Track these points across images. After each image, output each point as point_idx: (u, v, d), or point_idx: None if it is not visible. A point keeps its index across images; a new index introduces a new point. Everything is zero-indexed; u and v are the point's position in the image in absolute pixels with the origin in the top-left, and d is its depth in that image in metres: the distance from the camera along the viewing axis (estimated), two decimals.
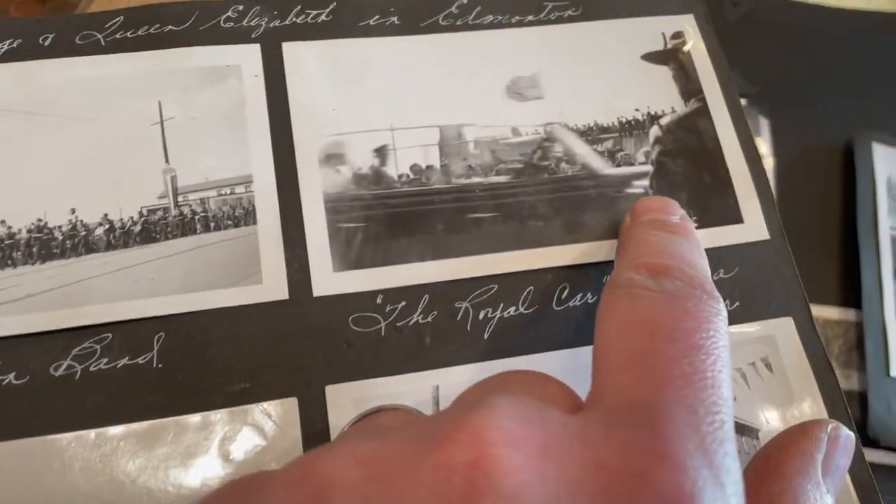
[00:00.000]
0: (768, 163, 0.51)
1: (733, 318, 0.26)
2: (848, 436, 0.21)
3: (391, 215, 0.26)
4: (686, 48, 0.30)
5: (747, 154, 0.28)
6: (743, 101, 0.52)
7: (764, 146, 0.52)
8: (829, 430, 0.21)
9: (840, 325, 0.46)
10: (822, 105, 0.53)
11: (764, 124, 0.52)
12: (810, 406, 0.25)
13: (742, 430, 0.24)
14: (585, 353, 0.25)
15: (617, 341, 0.19)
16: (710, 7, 0.56)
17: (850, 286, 0.47)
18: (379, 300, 0.24)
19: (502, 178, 0.27)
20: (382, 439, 0.16)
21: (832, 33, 0.56)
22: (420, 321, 0.24)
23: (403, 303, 0.25)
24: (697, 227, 0.27)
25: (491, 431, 0.15)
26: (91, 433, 0.22)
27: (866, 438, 0.42)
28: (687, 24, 0.30)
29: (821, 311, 0.47)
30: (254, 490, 0.16)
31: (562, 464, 0.15)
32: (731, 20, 0.56)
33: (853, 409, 0.43)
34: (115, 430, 0.22)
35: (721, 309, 0.19)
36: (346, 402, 0.23)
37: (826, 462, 0.20)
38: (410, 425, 0.17)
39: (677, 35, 0.30)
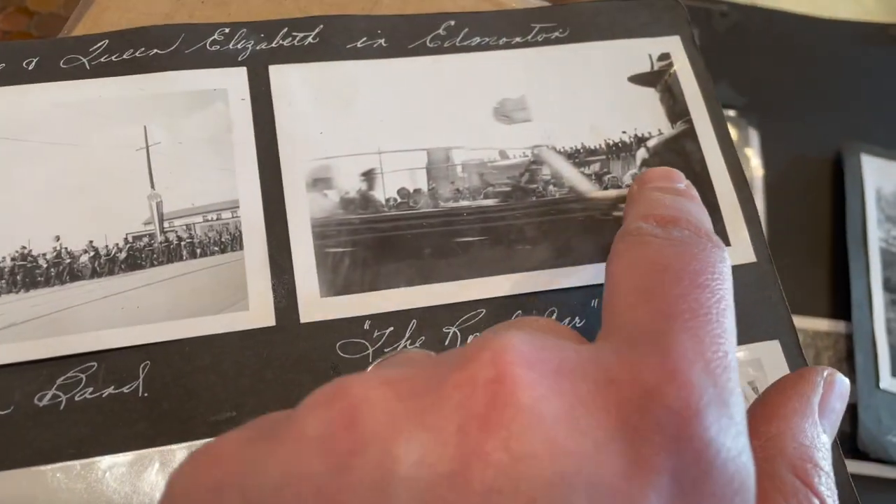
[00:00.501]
0: (758, 174, 0.51)
1: None
2: (842, 380, 0.22)
3: (379, 240, 0.26)
4: (672, 70, 0.30)
5: (734, 176, 0.28)
6: (732, 112, 0.53)
7: (753, 157, 0.52)
8: (825, 375, 0.22)
9: (830, 336, 0.46)
10: (810, 115, 0.53)
11: (753, 135, 0.52)
12: None
13: None
14: None
15: (627, 282, 0.20)
16: (699, 18, 0.56)
17: (840, 297, 0.47)
18: (366, 326, 0.24)
19: (490, 202, 0.27)
20: (408, 366, 0.17)
21: (821, 44, 0.56)
22: (408, 346, 0.24)
23: (391, 328, 0.25)
24: None
25: (510, 353, 0.16)
26: (76, 464, 0.22)
27: (856, 451, 0.42)
28: (673, 46, 0.30)
29: (811, 323, 0.47)
30: (286, 414, 0.16)
31: (575, 382, 0.16)
32: (719, 31, 0.56)
33: (843, 421, 0.44)
34: (101, 461, 0.22)
35: (725, 257, 0.21)
36: None
37: (822, 404, 0.21)
38: (432, 356, 0.18)
39: (664, 57, 0.30)
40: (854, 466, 0.42)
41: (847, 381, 0.22)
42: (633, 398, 0.16)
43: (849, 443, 0.43)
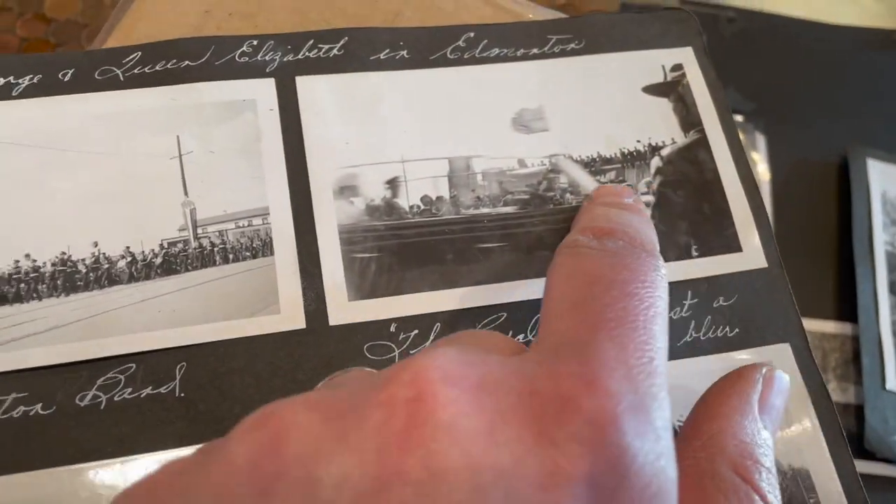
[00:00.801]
0: (765, 178, 0.52)
1: (733, 345, 0.27)
2: (781, 377, 0.23)
3: (403, 245, 0.27)
4: (685, 80, 0.31)
5: (745, 184, 0.29)
6: (739, 117, 0.53)
7: (760, 161, 0.53)
8: (763, 372, 0.22)
9: (837, 338, 0.47)
10: (817, 120, 0.54)
11: (760, 140, 0.53)
12: (807, 429, 0.26)
13: None
14: None
15: (559, 293, 0.20)
16: (706, 24, 0.57)
17: (847, 300, 0.48)
18: (393, 328, 0.25)
19: (509, 209, 0.28)
20: (336, 389, 0.18)
21: (827, 49, 0.57)
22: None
23: (416, 331, 0.25)
24: (697, 256, 0.28)
25: (430, 371, 0.16)
26: (117, 462, 0.23)
27: (863, 451, 0.43)
28: (686, 57, 0.31)
29: (818, 325, 0.48)
30: (220, 441, 0.17)
31: (497, 396, 0.16)
32: (726, 37, 0.57)
33: (850, 421, 0.45)
34: (141, 459, 0.23)
35: (660, 266, 0.21)
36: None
37: (762, 401, 0.22)
38: (362, 376, 0.19)
39: (676, 68, 0.31)
40: (861, 466, 0.43)
41: (787, 377, 0.23)
42: (551, 408, 0.16)
43: (856, 443, 0.44)
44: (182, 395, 0.24)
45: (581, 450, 0.15)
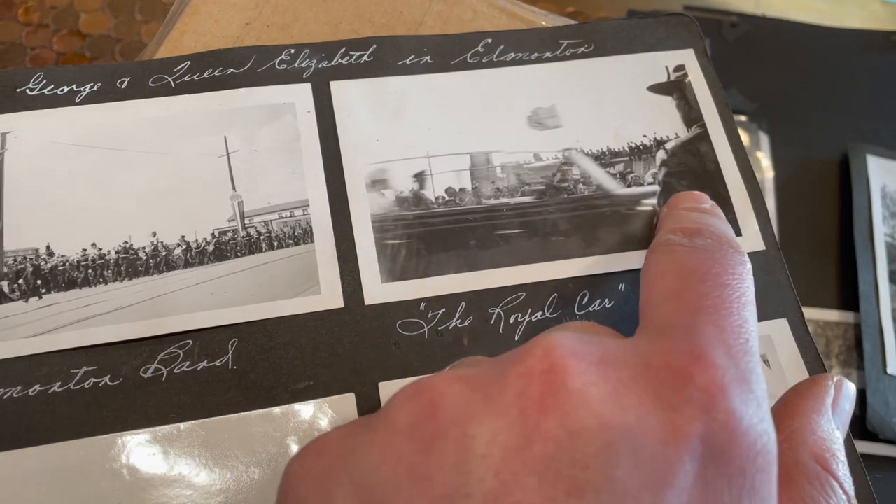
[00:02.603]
0: (768, 175, 0.54)
1: None
2: (849, 385, 0.25)
3: (430, 233, 0.29)
4: (687, 80, 0.33)
5: (743, 173, 0.32)
6: (743, 118, 0.56)
7: (764, 159, 0.55)
8: (834, 380, 0.25)
9: (839, 326, 0.49)
10: (818, 119, 0.56)
11: (763, 139, 0.56)
12: None
13: None
14: None
15: (658, 285, 0.23)
16: (710, 29, 0.59)
17: (848, 290, 0.50)
18: (422, 307, 0.28)
19: (527, 199, 0.30)
20: (476, 365, 0.21)
21: (827, 51, 0.59)
22: (458, 325, 0.28)
23: (443, 309, 0.28)
24: None
25: (559, 348, 0.19)
26: (179, 426, 0.25)
27: (865, 432, 0.45)
28: (688, 59, 0.34)
29: (821, 314, 0.50)
30: (377, 413, 0.19)
31: (617, 369, 0.18)
32: (729, 40, 0.59)
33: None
34: (201, 423, 0.25)
35: (746, 261, 0.24)
36: None
37: (834, 405, 0.24)
38: (493, 358, 0.21)
39: (679, 68, 0.34)
40: (864, 447, 0.45)
41: (853, 386, 0.25)
42: (666, 379, 0.18)
43: (859, 425, 0.45)
44: (234, 367, 0.26)
45: (695, 412, 0.18)
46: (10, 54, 0.59)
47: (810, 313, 0.50)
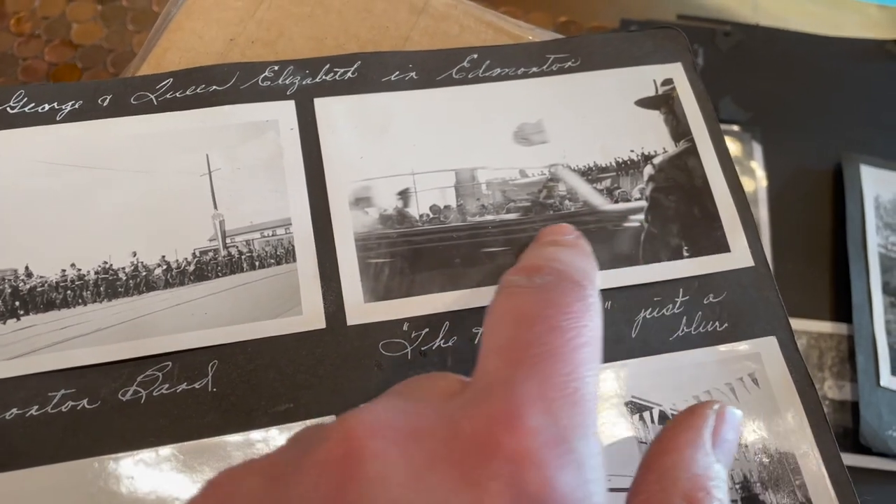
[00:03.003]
0: (762, 185, 0.54)
1: (723, 339, 0.29)
2: (733, 412, 0.23)
3: (414, 251, 0.29)
4: (675, 94, 0.33)
5: (732, 188, 0.31)
6: (736, 127, 0.55)
7: (758, 169, 0.55)
8: (715, 408, 0.23)
9: (833, 338, 0.49)
10: (811, 129, 0.56)
11: (757, 148, 0.55)
12: (793, 416, 0.28)
13: None
14: None
15: (491, 335, 0.21)
16: (703, 38, 0.59)
17: (842, 301, 0.50)
18: (405, 327, 0.28)
19: (512, 216, 0.30)
20: (280, 449, 0.19)
21: (821, 60, 0.59)
22: (442, 345, 0.27)
23: (427, 329, 0.28)
24: (688, 256, 0.30)
25: (359, 428, 0.18)
26: (157, 450, 0.25)
27: (858, 446, 0.45)
28: (676, 72, 0.33)
29: (814, 326, 0.49)
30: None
31: (424, 443, 0.17)
32: (723, 49, 0.59)
33: (846, 417, 0.46)
34: (179, 447, 0.25)
35: (587, 295, 0.22)
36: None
37: (715, 436, 0.22)
38: (307, 432, 0.20)
39: (667, 82, 0.33)
40: (857, 460, 0.45)
41: (739, 412, 0.24)
42: (474, 450, 0.17)
43: (851, 438, 0.45)
44: (214, 389, 0.26)
45: (502, 487, 0.16)
46: (1, 65, 0.59)
47: (803, 324, 0.49)
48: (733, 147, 0.55)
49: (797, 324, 0.51)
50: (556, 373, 0.19)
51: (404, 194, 0.30)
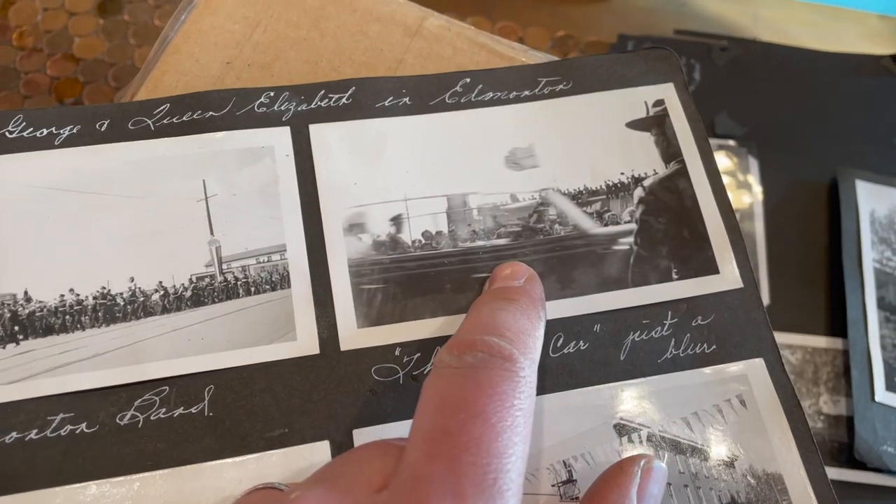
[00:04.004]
0: (758, 199, 0.54)
1: (710, 361, 0.29)
2: (659, 467, 0.24)
3: (406, 277, 0.29)
4: (666, 115, 0.33)
5: (722, 210, 0.32)
6: (731, 142, 0.56)
7: (754, 184, 0.55)
8: (641, 464, 0.24)
9: (828, 353, 0.49)
10: (807, 143, 0.56)
11: (752, 163, 0.56)
12: (780, 437, 0.28)
13: (709, 457, 0.28)
14: (578, 394, 0.28)
15: (417, 422, 0.22)
16: (700, 53, 0.59)
17: (837, 316, 0.50)
18: (397, 352, 0.28)
19: (503, 241, 0.30)
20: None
21: (817, 75, 0.59)
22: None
23: (418, 354, 0.28)
24: (677, 279, 0.30)
25: None
26: (156, 474, 0.26)
27: (853, 461, 0.45)
28: (667, 93, 0.34)
29: (809, 341, 0.50)
30: None
31: None
32: (719, 64, 0.59)
33: (841, 432, 0.46)
34: (176, 471, 0.26)
35: (516, 371, 0.22)
36: (367, 442, 0.26)
37: (640, 491, 0.23)
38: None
39: (658, 103, 0.34)
40: (852, 475, 0.45)
41: (663, 466, 0.25)
42: None
43: (846, 453, 0.45)
44: (210, 414, 0.27)
45: None
46: (4, 78, 0.60)
47: (798, 339, 0.50)
48: (729, 162, 0.55)
49: (792, 338, 0.52)
50: (474, 465, 0.20)
51: (397, 220, 0.30)
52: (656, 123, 0.33)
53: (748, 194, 0.55)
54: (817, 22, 0.62)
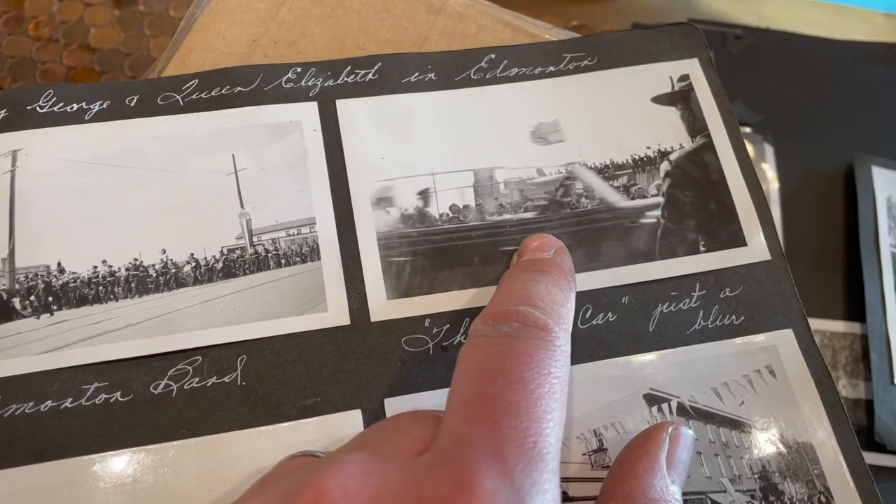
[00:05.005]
0: (773, 186, 0.54)
1: (739, 332, 0.29)
2: (686, 433, 0.24)
3: (434, 250, 0.29)
4: (691, 89, 0.33)
5: (749, 183, 0.32)
6: (747, 129, 0.56)
7: (769, 171, 0.55)
8: (669, 431, 0.24)
9: (846, 337, 0.49)
10: (823, 131, 0.56)
11: (768, 150, 0.56)
12: (810, 407, 0.28)
13: (739, 426, 0.28)
14: (607, 364, 0.28)
15: (455, 389, 0.22)
16: (715, 41, 0.59)
17: (855, 301, 0.50)
18: (427, 323, 0.28)
19: (530, 215, 0.31)
20: (251, 490, 0.21)
21: (831, 63, 0.59)
22: (463, 341, 0.28)
23: (448, 325, 0.28)
24: (705, 251, 0.30)
25: (331, 489, 0.18)
26: (191, 441, 0.26)
27: (873, 443, 0.45)
28: (692, 68, 0.34)
29: (828, 325, 0.50)
30: None
31: None
32: (734, 53, 0.59)
33: (860, 416, 0.46)
34: (211, 438, 0.26)
35: (551, 339, 0.23)
36: (402, 412, 0.26)
37: (669, 458, 0.23)
38: (285, 478, 0.21)
39: (683, 78, 0.34)
40: (872, 458, 0.45)
41: (691, 433, 0.25)
42: None
43: (866, 436, 0.45)
44: (243, 383, 0.27)
45: None
46: (20, 68, 0.60)
47: (817, 324, 0.49)
48: None
49: (810, 323, 0.51)
50: (515, 428, 0.20)
51: (424, 194, 0.30)
52: (682, 98, 0.33)
53: (764, 181, 0.54)
54: (822, 20, 0.62)
